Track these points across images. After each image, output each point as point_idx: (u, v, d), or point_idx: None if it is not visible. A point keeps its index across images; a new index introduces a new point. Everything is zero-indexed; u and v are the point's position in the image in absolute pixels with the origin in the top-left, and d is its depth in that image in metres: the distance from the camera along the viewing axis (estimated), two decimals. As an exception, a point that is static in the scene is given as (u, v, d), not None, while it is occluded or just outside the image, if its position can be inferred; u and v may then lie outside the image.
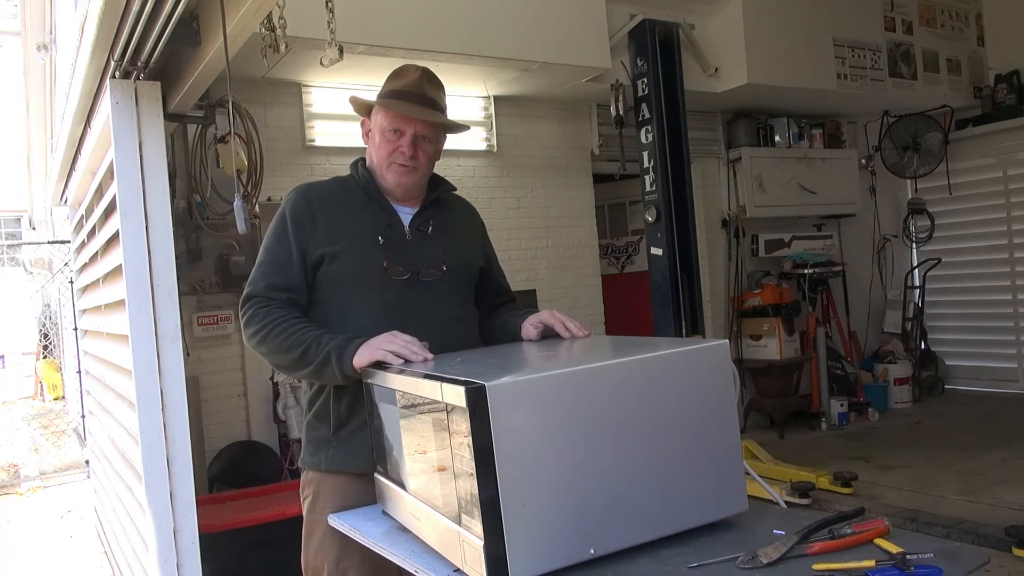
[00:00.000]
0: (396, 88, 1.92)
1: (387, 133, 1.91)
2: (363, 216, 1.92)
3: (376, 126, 1.94)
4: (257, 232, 4.35)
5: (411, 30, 4.17)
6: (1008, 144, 6.90)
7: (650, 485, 1.31)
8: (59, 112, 4.19)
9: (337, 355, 1.72)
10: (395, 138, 1.90)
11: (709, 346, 1.41)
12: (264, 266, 1.91)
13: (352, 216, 1.92)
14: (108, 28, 2.18)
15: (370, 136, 1.98)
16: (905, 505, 4.23)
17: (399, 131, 1.90)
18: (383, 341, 1.69)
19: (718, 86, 5.58)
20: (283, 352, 1.80)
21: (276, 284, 1.87)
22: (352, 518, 1.75)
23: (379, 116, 1.93)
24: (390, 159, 1.91)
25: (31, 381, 11.39)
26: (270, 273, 1.89)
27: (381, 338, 1.70)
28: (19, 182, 10.07)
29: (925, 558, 1.17)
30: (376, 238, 1.89)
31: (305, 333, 1.79)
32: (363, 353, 1.69)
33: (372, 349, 1.69)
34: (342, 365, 1.71)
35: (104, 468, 3.99)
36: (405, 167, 1.91)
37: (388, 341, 1.68)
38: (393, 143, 1.90)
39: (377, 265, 1.86)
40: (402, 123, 1.90)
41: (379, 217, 1.93)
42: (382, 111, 1.92)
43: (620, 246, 6.99)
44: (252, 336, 1.85)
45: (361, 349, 1.70)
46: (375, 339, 1.70)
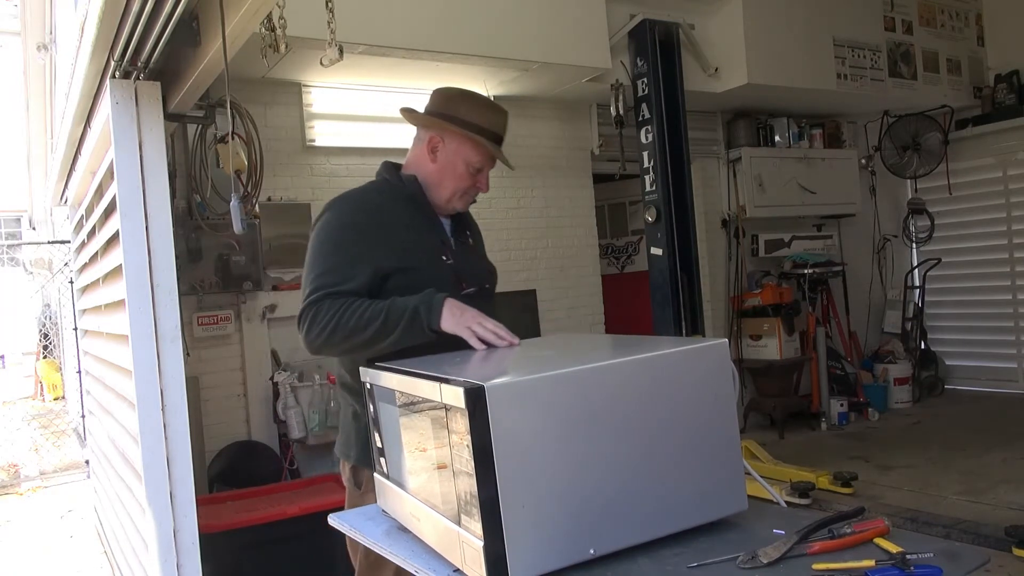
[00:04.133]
0: (489, 128, 2.00)
1: (470, 167, 1.99)
2: (420, 230, 1.97)
3: (458, 155, 1.99)
4: (256, 232, 4.36)
5: (411, 30, 4.17)
6: (1008, 144, 6.90)
7: (650, 485, 1.31)
8: (59, 112, 4.19)
9: (426, 310, 1.72)
10: (475, 172, 2.00)
11: (709, 346, 1.41)
12: (326, 276, 1.85)
13: (411, 230, 1.95)
14: (108, 28, 2.18)
15: (437, 154, 2.00)
16: (905, 505, 4.23)
17: (481, 168, 2.01)
18: (471, 319, 1.68)
19: (718, 86, 5.58)
20: (362, 329, 1.77)
21: (338, 290, 1.84)
22: (352, 518, 1.75)
23: (466, 148, 1.99)
24: (467, 191, 2.01)
25: (31, 381, 11.39)
26: (332, 284, 1.84)
27: (471, 314, 1.69)
28: (19, 182, 10.06)
29: (925, 558, 1.17)
30: (441, 254, 1.97)
31: (377, 304, 1.78)
32: (448, 320, 1.70)
33: (458, 322, 1.68)
34: (431, 321, 1.72)
35: (104, 468, 3.99)
36: (472, 200, 2.05)
37: (477, 322, 1.66)
38: (473, 177, 2.00)
39: (446, 281, 1.90)
40: (488, 162, 2.02)
41: (434, 231, 2.00)
42: (472, 146, 1.99)
43: (620, 246, 6.99)
44: (320, 332, 1.80)
45: (446, 313, 1.70)
46: (464, 312, 1.70)
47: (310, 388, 4.35)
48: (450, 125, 1.97)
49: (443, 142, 2.00)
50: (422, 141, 2.04)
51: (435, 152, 2.00)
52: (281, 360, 4.55)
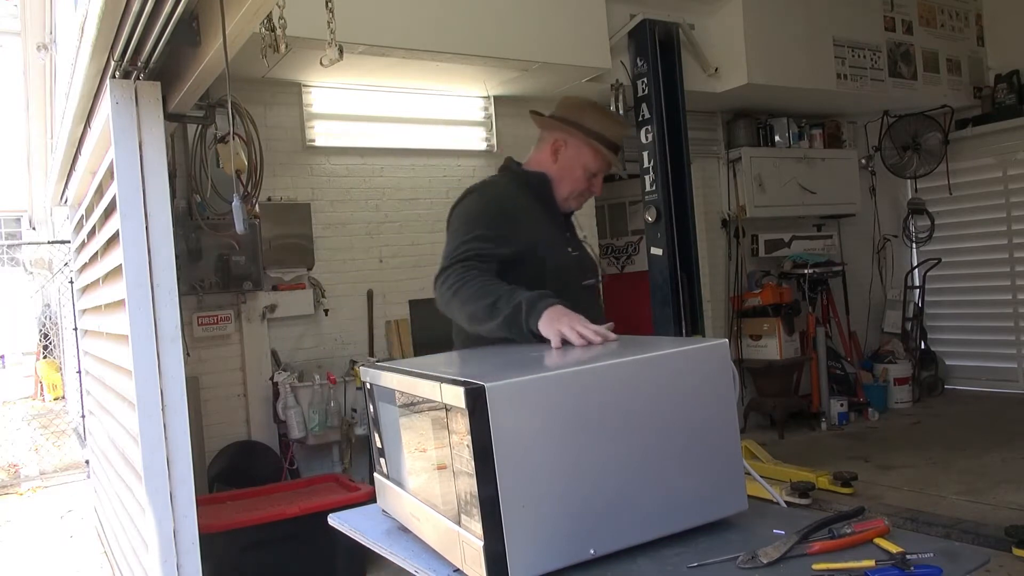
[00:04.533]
0: (611, 139, 2.14)
1: (588, 172, 2.15)
2: (549, 223, 2.13)
3: (578, 159, 2.14)
4: (256, 232, 4.36)
5: (411, 30, 4.17)
6: (1008, 144, 6.90)
7: (650, 485, 1.31)
8: (59, 112, 4.19)
9: (528, 309, 1.74)
10: (591, 177, 2.16)
11: (709, 346, 1.41)
12: (473, 242, 1.94)
13: (542, 222, 2.10)
14: (108, 28, 2.18)
15: (559, 156, 2.15)
16: (905, 505, 4.23)
17: (596, 173, 2.16)
18: (575, 320, 1.67)
19: (718, 86, 5.58)
20: (475, 300, 1.82)
21: (481, 254, 1.92)
22: (352, 518, 1.75)
23: (585, 153, 2.13)
24: (582, 193, 2.17)
25: (31, 381, 11.39)
26: (477, 246, 1.93)
27: (573, 317, 1.69)
28: (19, 182, 10.06)
29: (925, 558, 1.17)
30: (567, 246, 2.14)
31: (499, 286, 1.83)
32: (548, 325, 1.69)
33: (558, 326, 1.67)
34: (529, 322, 1.73)
35: (104, 468, 3.99)
36: (585, 201, 2.21)
37: (569, 326, 1.66)
38: (588, 180, 2.16)
39: (572, 272, 2.09)
40: (604, 168, 2.17)
41: (558, 224, 2.16)
42: (591, 152, 2.13)
43: (620, 246, 6.99)
44: (446, 291, 1.88)
45: (547, 316, 1.70)
46: (566, 315, 1.70)
47: (310, 388, 4.35)
48: (574, 131, 2.13)
49: (565, 146, 2.15)
50: (546, 143, 2.19)
51: (557, 154, 2.15)
52: (281, 360, 4.55)
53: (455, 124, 5.30)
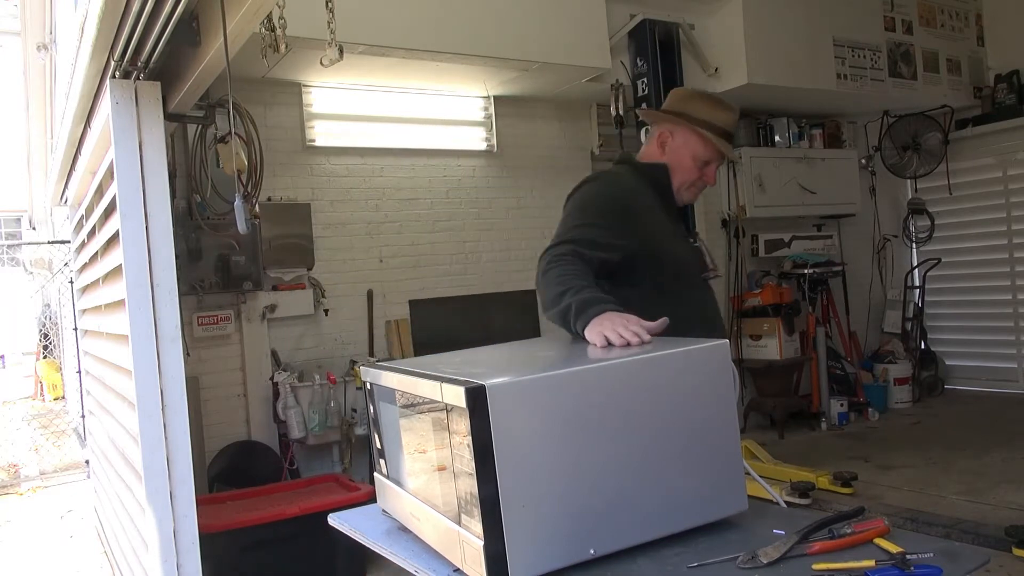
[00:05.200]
0: (722, 127, 2.10)
1: (699, 160, 2.11)
2: (669, 215, 2.11)
3: (686, 148, 2.11)
4: (256, 232, 4.36)
5: (411, 30, 4.17)
6: (1008, 144, 6.90)
7: (650, 485, 1.31)
8: (59, 112, 4.19)
9: (577, 311, 1.70)
10: (703, 166, 2.11)
11: (709, 346, 1.41)
12: (584, 228, 1.93)
13: (663, 215, 2.08)
14: (108, 28, 2.18)
15: (665, 148, 2.13)
16: (905, 505, 4.23)
17: (708, 162, 2.11)
18: (619, 322, 1.60)
19: (718, 86, 5.58)
20: (550, 286, 1.81)
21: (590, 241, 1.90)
22: (352, 518, 1.75)
23: (693, 142, 2.10)
24: (695, 183, 2.13)
25: (31, 381, 11.39)
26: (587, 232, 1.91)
27: (618, 319, 1.62)
28: (19, 182, 10.06)
29: (925, 558, 1.17)
30: (687, 238, 2.14)
31: (576, 279, 1.79)
32: (594, 328, 1.64)
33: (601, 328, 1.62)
34: (577, 325, 1.70)
35: (104, 468, 3.99)
36: (700, 190, 2.17)
37: (623, 325, 1.60)
38: (700, 170, 2.12)
39: (695, 264, 2.10)
40: (716, 157, 2.12)
41: (677, 217, 2.16)
42: (703, 142, 2.09)
43: (620, 246, 6.97)
44: (539, 272, 1.88)
45: (595, 321, 1.64)
46: (612, 318, 1.63)
47: (310, 388, 4.35)
48: (681, 120, 2.10)
49: (671, 137, 2.12)
50: (653, 136, 2.16)
51: (663, 146, 2.13)
52: (281, 360, 4.55)
53: (455, 124, 5.30)
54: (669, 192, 2.14)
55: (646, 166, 2.15)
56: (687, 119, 2.10)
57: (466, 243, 5.32)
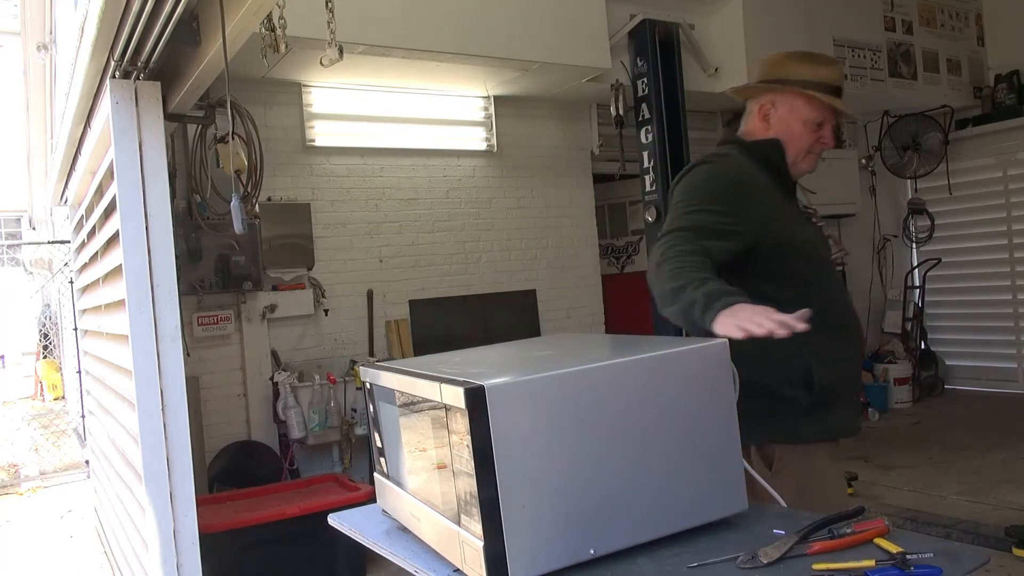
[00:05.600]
0: (825, 81, 1.92)
1: (810, 124, 1.92)
2: (786, 196, 1.94)
3: (792, 114, 1.93)
4: (256, 232, 4.36)
5: (411, 30, 4.17)
6: (1008, 144, 6.90)
7: (650, 485, 1.31)
8: (59, 112, 4.19)
9: (701, 307, 1.58)
10: (817, 129, 1.93)
11: (709, 346, 1.40)
12: (698, 214, 1.78)
13: (779, 196, 1.91)
14: (108, 28, 2.18)
15: (770, 120, 1.96)
16: (905, 505, 4.23)
17: (822, 123, 1.93)
18: (757, 313, 1.50)
19: (718, 86, 5.58)
20: (667, 280, 1.68)
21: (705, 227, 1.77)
22: (352, 518, 1.75)
23: (799, 105, 1.92)
24: (810, 148, 1.94)
25: (31, 381, 11.39)
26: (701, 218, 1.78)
27: (756, 310, 1.51)
28: (19, 182, 10.06)
29: (925, 558, 1.17)
30: (808, 218, 1.96)
31: (694, 271, 1.66)
32: (726, 321, 1.52)
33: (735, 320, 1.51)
34: (704, 320, 1.57)
35: (104, 468, 3.99)
36: (818, 156, 1.96)
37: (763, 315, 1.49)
38: (815, 133, 1.93)
39: (820, 245, 1.93)
40: (830, 116, 1.94)
41: (792, 200, 1.98)
42: (811, 103, 1.91)
43: (620, 246, 6.98)
44: (651, 264, 1.76)
45: (726, 314, 1.53)
46: (747, 309, 1.52)
47: (310, 388, 4.35)
48: (779, 87, 1.95)
49: (774, 107, 1.96)
50: (752, 113, 2.01)
51: (767, 119, 1.97)
52: (281, 360, 4.55)
53: (455, 124, 5.30)
54: (784, 169, 1.95)
55: (755, 144, 1.96)
56: (787, 83, 1.93)
57: (466, 243, 5.32)
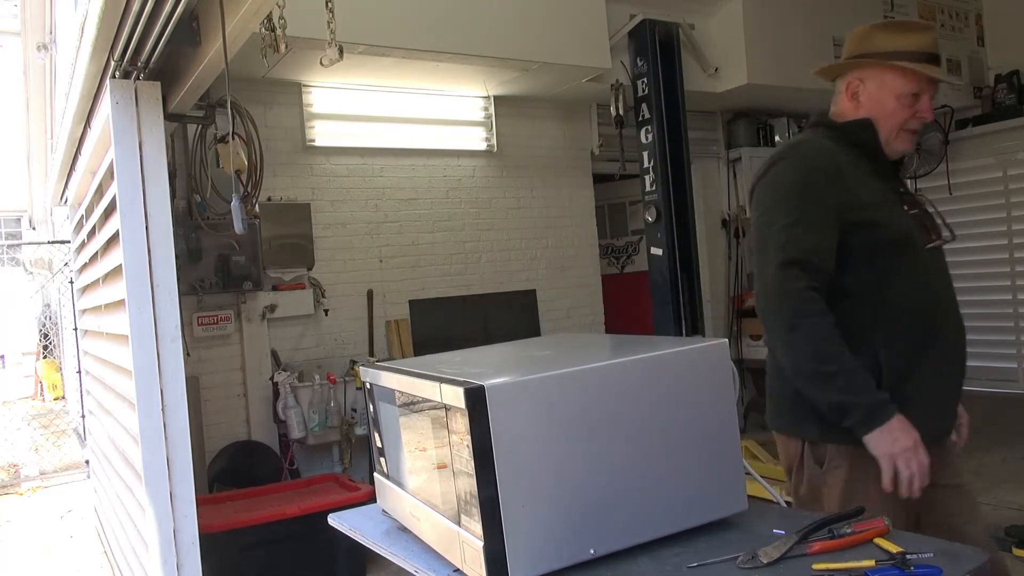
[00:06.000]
0: (917, 49, 1.79)
1: (904, 97, 1.79)
2: (878, 180, 1.82)
3: (883, 89, 1.81)
4: (256, 232, 4.36)
5: (411, 30, 4.17)
6: (1008, 144, 6.90)
7: (650, 485, 1.31)
8: (59, 112, 4.19)
9: (865, 415, 1.63)
10: (913, 102, 1.80)
11: (709, 346, 1.40)
12: (798, 228, 1.72)
13: (870, 180, 1.80)
14: (108, 28, 2.18)
15: (860, 98, 1.85)
16: (905, 505, 4.22)
17: (918, 94, 1.80)
18: (900, 452, 1.61)
19: (718, 86, 5.58)
20: (811, 357, 1.68)
21: (812, 247, 1.71)
22: (352, 518, 1.75)
23: (889, 79, 1.80)
24: (906, 124, 1.81)
25: (31, 381, 11.40)
26: (804, 236, 1.71)
27: (902, 446, 1.61)
28: (19, 182, 10.07)
29: (925, 558, 1.17)
30: (902, 204, 1.82)
31: (843, 355, 1.66)
32: (879, 442, 1.62)
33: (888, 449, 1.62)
34: (860, 428, 1.64)
35: (104, 468, 3.99)
36: (915, 133, 1.84)
37: (904, 460, 1.61)
38: (911, 108, 1.80)
39: (914, 234, 1.80)
40: (925, 86, 1.80)
41: (889, 180, 1.85)
42: (903, 75, 1.79)
43: (620, 246, 6.98)
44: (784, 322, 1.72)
45: (881, 433, 1.61)
46: (897, 441, 1.61)
47: (310, 388, 4.35)
48: (866, 61, 1.83)
49: (862, 83, 1.84)
50: (841, 92, 1.89)
51: (856, 97, 1.85)
52: (281, 360, 4.55)
53: (455, 124, 5.30)
54: (877, 150, 1.83)
55: (844, 126, 1.85)
56: (874, 56, 1.81)
57: (466, 243, 5.32)
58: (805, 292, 1.70)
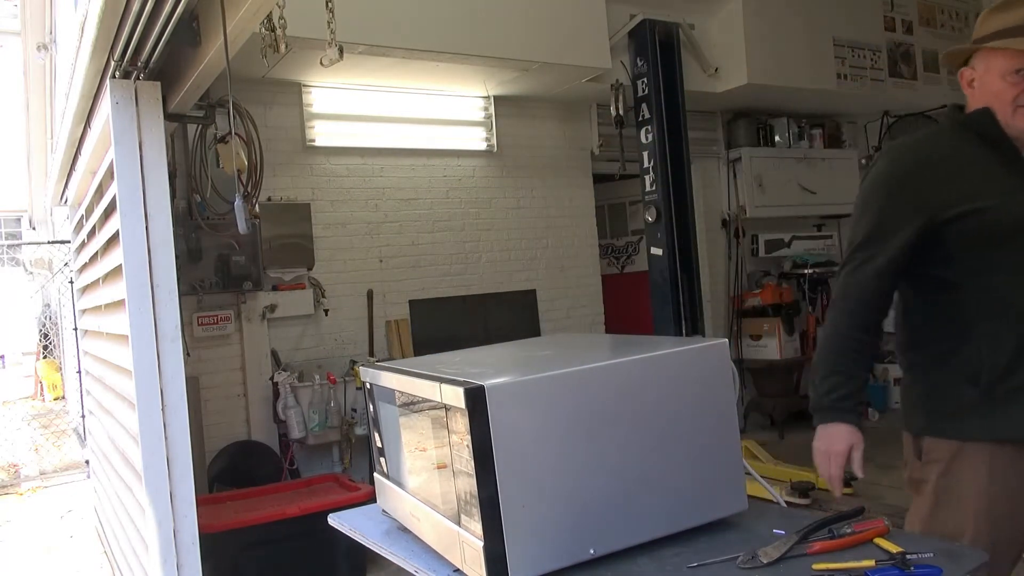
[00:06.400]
0: (1015, 24, 1.76)
1: (1009, 76, 1.75)
2: (994, 167, 1.78)
3: (989, 71, 1.79)
4: (256, 232, 4.36)
5: (411, 30, 4.17)
6: (1008, 144, 6.89)
7: (650, 485, 1.31)
8: (59, 112, 4.19)
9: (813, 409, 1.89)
10: (1019, 80, 1.75)
11: (709, 346, 1.40)
12: (860, 241, 1.85)
13: (982, 168, 1.78)
14: (108, 28, 2.18)
15: (974, 86, 1.84)
16: (905, 505, 4.20)
17: (1020, 70, 1.75)
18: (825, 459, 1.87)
19: (718, 86, 5.58)
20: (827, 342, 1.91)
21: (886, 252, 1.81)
22: (352, 518, 1.75)
23: (999, 59, 1.77)
24: (1017, 100, 1.76)
25: (31, 381, 11.39)
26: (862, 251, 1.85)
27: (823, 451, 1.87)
28: (19, 182, 10.07)
29: (925, 558, 1.17)
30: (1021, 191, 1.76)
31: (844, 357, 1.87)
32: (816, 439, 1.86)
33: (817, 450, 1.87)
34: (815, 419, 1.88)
35: (104, 468, 3.99)
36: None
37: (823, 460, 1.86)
38: (1018, 85, 1.76)
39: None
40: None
41: (1012, 167, 1.79)
42: (1002, 54, 1.76)
43: (620, 246, 6.99)
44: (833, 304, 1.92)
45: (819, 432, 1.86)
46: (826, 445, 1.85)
47: (310, 388, 4.35)
48: (975, 48, 1.82)
49: (974, 70, 1.84)
50: (961, 82, 1.88)
51: (972, 85, 1.84)
52: (281, 360, 4.55)
53: (455, 124, 5.30)
54: (1000, 137, 1.78)
55: (967, 118, 1.85)
56: (980, 41, 1.80)
57: (466, 243, 5.32)
58: (851, 287, 1.85)
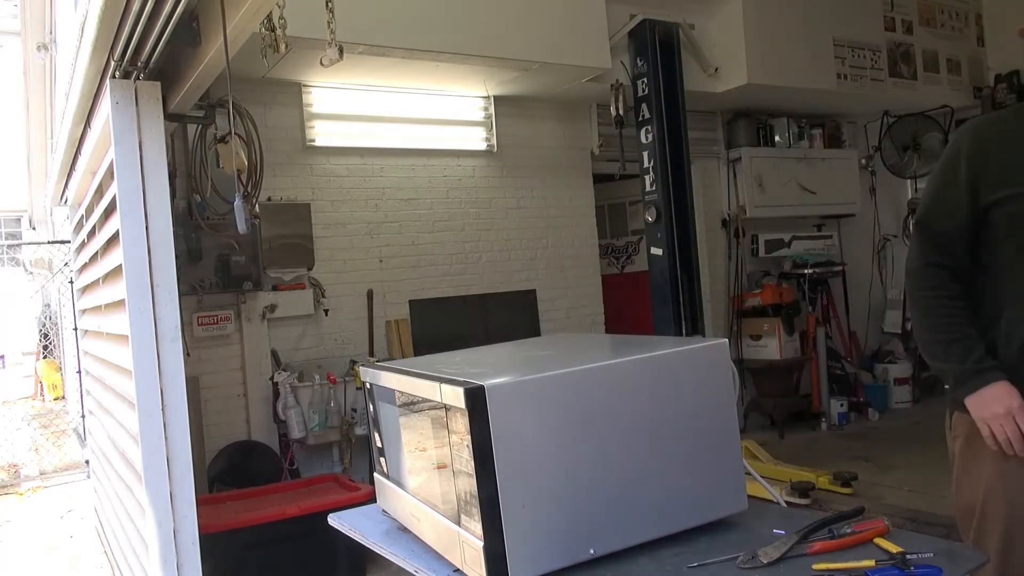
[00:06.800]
0: None
1: None
2: None
3: None
4: (256, 232, 4.36)
5: (411, 30, 4.17)
6: (1008, 144, 6.89)
7: (650, 485, 1.31)
8: (59, 112, 4.19)
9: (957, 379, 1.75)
10: None
11: (709, 346, 1.41)
12: (934, 207, 1.83)
13: None
14: (108, 28, 2.18)
15: None
16: (905, 505, 4.22)
17: None
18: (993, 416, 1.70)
19: (718, 86, 5.58)
20: (931, 329, 1.81)
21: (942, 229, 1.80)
22: (352, 518, 1.75)
23: None
24: None
25: (31, 381, 11.39)
26: (931, 217, 1.83)
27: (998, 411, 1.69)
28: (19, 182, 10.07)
29: (925, 558, 1.17)
30: None
31: (961, 326, 1.77)
32: (978, 410, 1.72)
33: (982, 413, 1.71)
34: (958, 391, 1.76)
35: (104, 468, 3.99)
36: None
37: (1000, 422, 1.69)
38: None
39: None
40: None
41: None
42: None
43: (620, 246, 6.98)
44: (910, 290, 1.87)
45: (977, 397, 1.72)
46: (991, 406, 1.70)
47: (310, 388, 4.35)
48: None
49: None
50: None
51: None
52: (281, 360, 4.55)
53: (455, 124, 5.30)
54: None
55: None
56: None
57: (466, 243, 5.32)
58: (925, 269, 1.82)
